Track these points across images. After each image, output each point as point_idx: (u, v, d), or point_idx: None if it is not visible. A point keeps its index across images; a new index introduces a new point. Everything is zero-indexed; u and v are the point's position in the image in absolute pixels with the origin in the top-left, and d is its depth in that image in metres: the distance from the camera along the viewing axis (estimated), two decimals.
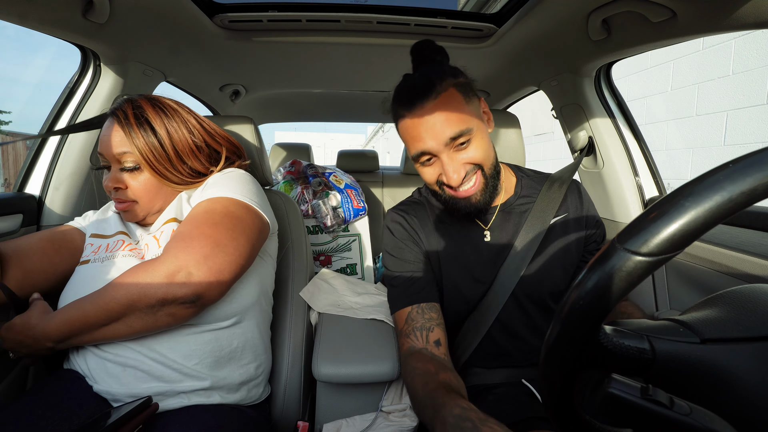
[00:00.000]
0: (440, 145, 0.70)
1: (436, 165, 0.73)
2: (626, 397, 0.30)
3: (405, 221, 0.85)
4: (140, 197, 0.78)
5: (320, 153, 30.59)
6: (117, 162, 0.77)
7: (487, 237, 0.82)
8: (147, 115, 0.77)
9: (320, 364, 0.82)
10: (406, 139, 0.75)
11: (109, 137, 0.76)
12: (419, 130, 0.70)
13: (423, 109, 0.69)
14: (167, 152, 0.78)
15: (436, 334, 0.74)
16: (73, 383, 0.68)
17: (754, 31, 0.72)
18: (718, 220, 0.26)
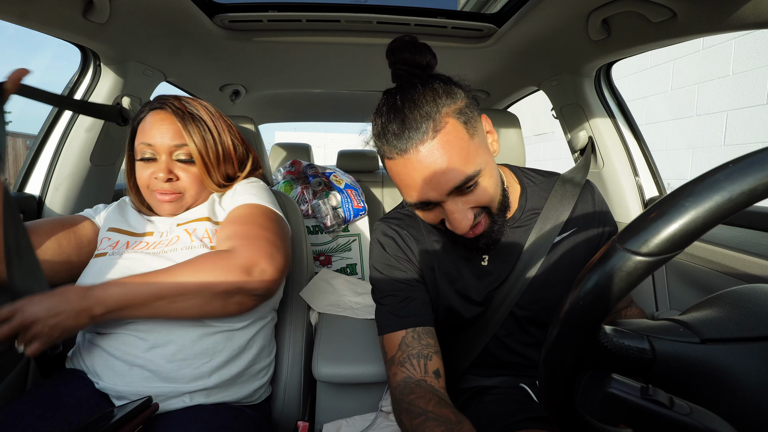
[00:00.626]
0: (442, 195, 0.57)
1: (438, 210, 0.62)
2: (626, 397, 0.30)
3: (398, 236, 0.75)
4: (188, 189, 0.82)
5: (320, 153, 30.52)
6: (169, 153, 0.80)
7: (485, 261, 0.73)
8: (200, 114, 0.82)
9: (320, 364, 0.82)
10: (398, 183, 0.61)
11: (163, 128, 0.79)
12: (414, 178, 0.57)
13: (418, 154, 0.55)
14: (217, 151, 0.83)
15: (435, 364, 0.65)
16: (73, 383, 0.68)
17: (754, 31, 0.72)
18: (719, 220, 0.26)
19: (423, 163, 0.55)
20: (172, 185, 0.81)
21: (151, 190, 0.81)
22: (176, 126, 0.80)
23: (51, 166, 1.00)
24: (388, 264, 0.74)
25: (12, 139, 8.84)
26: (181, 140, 0.80)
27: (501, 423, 0.62)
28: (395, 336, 0.68)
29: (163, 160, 0.79)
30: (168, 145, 0.79)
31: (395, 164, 0.58)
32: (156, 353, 0.69)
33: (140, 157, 0.80)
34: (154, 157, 0.80)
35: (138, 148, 0.80)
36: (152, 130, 0.79)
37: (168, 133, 0.79)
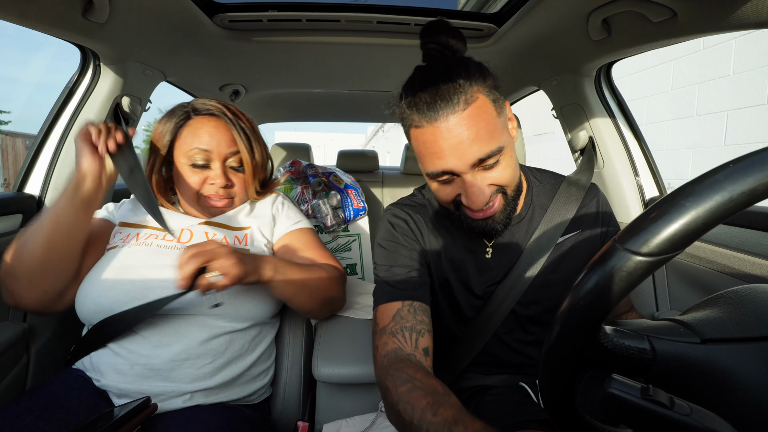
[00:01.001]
0: (466, 167, 0.59)
1: (456, 184, 0.63)
2: (626, 397, 0.30)
3: (410, 218, 0.76)
4: (238, 194, 0.87)
5: (320, 153, 30.59)
6: (223, 160, 0.83)
7: (489, 254, 0.74)
8: (242, 120, 0.85)
9: (320, 365, 0.82)
10: (422, 152, 0.62)
11: (218, 135, 0.81)
12: (441, 146, 0.58)
13: (448, 122, 0.57)
14: (261, 161, 0.88)
15: (426, 341, 0.64)
16: (73, 384, 0.68)
17: (754, 31, 0.72)
18: (719, 220, 0.26)
19: (452, 132, 0.57)
20: (227, 191, 0.84)
21: (203, 195, 0.83)
22: (230, 134, 0.83)
23: (51, 166, 1.00)
24: (395, 241, 0.74)
25: (12, 139, 8.84)
26: (235, 148, 0.83)
27: (500, 423, 0.62)
28: (391, 306, 0.68)
29: (218, 167, 0.82)
30: (224, 152, 0.82)
31: (423, 132, 0.60)
32: (160, 352, 0.69)
33: (192, 162, 0.81)
34: (207, 164, 0.82)
35: (189, 153, 0.81)
36: (206, 135, 0.81)
37: (224, 140, 0.82)
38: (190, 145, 0.80)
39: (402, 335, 0.64)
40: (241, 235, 0.85)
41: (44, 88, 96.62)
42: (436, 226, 0.76)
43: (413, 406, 0.51)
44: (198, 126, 0.81)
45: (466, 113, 0.57)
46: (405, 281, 0.70)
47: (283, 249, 0.91)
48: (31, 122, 11.53)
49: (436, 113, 0.57)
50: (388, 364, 0.60)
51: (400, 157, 2.42)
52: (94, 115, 1.03)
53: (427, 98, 0.58)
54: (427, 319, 0.68)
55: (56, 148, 1.01)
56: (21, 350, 0.88)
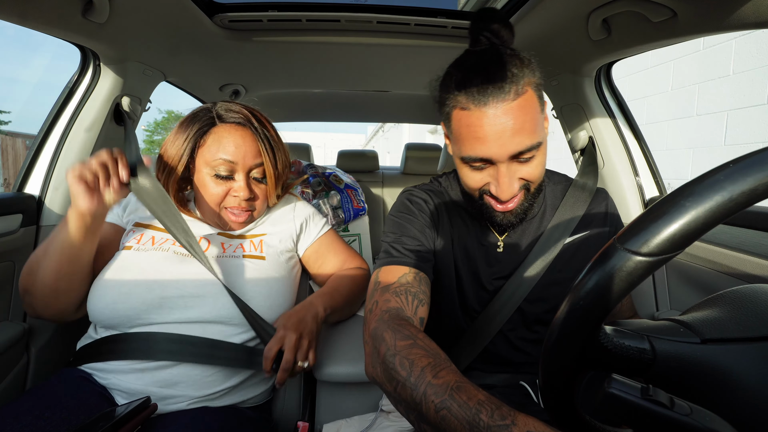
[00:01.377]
0: (504, 156, 0.59)
1: (487, 173, 0.63)
2: (626, 397, 0.30)
3: (429, 200, 0.76)
4: (259, 206, 0.85)
5: (320, 153, 30.56)
6: (247, 171, 0.80)
7: (500, 248, 0.75)
8: (268, 130, 0.83)
9: (321, 364, 0.82)
10: (464, 135, 0.61)
11: (245, 147, 0.79)
12: (486, 132, 0.58)
13: (496, 110, 0.57)
14: (282, 169, 0.86)
15: (424, 312, 0.63)
16: (73, 384, 0.68)
17: (754, 31, 0.72)
18: (719, 220, 0.26)
19: (499, 119, 0.57)
20: (249, 203, 0.82)
21: (224, 207, 0.81)
22: (257, 145, 0.80)
23: (51, 166, 1.00)
24: (409, 214, 0.74)
25: (12, 139, 8.84)
26: (260, 159, 0.81)
27: None
28: (396, 269, 0.66)
29: (242, 179, 0.79)
30: (250, 164, 0.80)
31: (468, 115, 0.59)
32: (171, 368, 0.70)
33: (215, 173, 0.79)
34: (230, 175, 0.79)
35: (213, 162, 0.78)
36: (231, 146, 0.78)
37: (250, 151, 0.79)
38: (215, 155, 0.77)
39: (405, 297, 0.63)
40: (257, 242, 0.86)
41: (44, 88, 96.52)
42: (452, 214, 0.77)
43: (413, 362, 0.48)
44: (223, 135, 0.78)
45: (515, 104, 0.57)
46: (414, 251, 0.69)
47: (314, 256, 0.95)
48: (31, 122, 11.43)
49: (486, 98, 0.57)
50: (388, 319, 0.58)
51: (400, 157, 2.42)
52: (94, 114, 1.03)
53: (478, 81, 0.58)
54: (428, 292, 0.67)
55: (56, 148, 1.01)
56: (21, 350, 0.88)
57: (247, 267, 0.79)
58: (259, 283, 0.78)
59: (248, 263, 0.80)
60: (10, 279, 0.92)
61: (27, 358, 0.89)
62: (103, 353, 0.70)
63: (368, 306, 0.65)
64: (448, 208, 0.77)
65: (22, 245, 0.94)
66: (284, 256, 0.88)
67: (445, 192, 0.80)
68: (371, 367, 0.56)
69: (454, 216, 0.77)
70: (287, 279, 0.86)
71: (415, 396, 0.46)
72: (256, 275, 0.79)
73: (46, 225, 0.99)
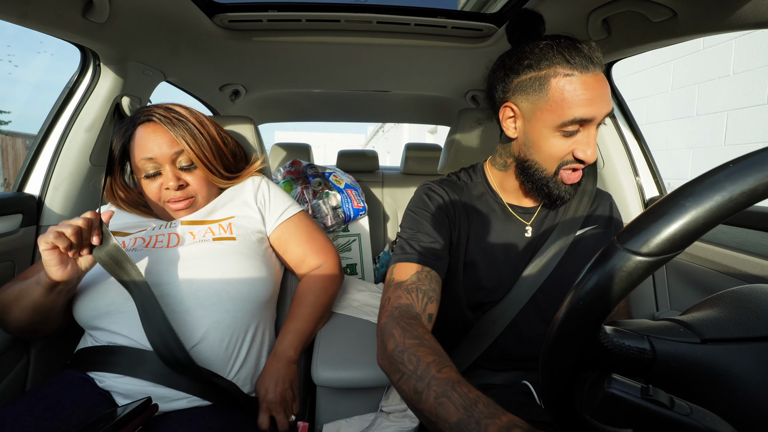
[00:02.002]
0: (599, 117, 0.67)
1: (574, 139, 0.68)
2: (626, 397, 0.30)
3: (446, 195, 0.79)
4: (199, 191, 0.86)
5: (320, 153, 30.55)
6: (171, 162, 0.82)
7: (528, 233, 0.79)
8: (183, 117, 0.84)
9: (319, 369, 0.82)
10: (567, 99, 0.66)
11: (158, 140, 0.81)
12: (592, 93, 0.65)
13: (597, 77, 0.66)
14: (210, 147, 0.86)
15: (433, 309, 0.68)
16: (73, 384, 0.67)
17: (754, 31, 0.72)
18: (719, 220, 0.26)
19: (600, 83, 0.66)
20: (184, 191, 0.83)
21: (164, 201, 0.83)
22: (169, 134, 0.82)
23: (51, 166, 1.00)
24: (426, 210, 0.77)
25: (12, 139, 8.84)
26: (178, 147, 0.82)
27: None
28: (410, 266, 0.71)
29: (168, 170, 0.81)
30: (168, 154, 0.81)
31: (571, 80, 0.66)
32: None
33: (144, 174, 0.81)
34: (158, 171, 0.81)
35: (139, 164, 0.81)
36: (149, 143, 0.81)
37: (165, 142, 0.81)
38: (138, 157, 0.81)
39: (416, 295, 0.68)
40: (225, 225, 0.85)
41: (44, 88, 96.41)
42: (470, 208, 0.80)
43: (419, 359, 0.53)
44: (139, 136, 0.82)
45: (602, 75, 0.67)
46: (428, 249, 0.73)
47: (277, 243, 0.93)
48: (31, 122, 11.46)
49: (589, 64, 0.66)
50: (399, 316, 0.63)
51: (400, 157, 2.42)
52: (94, 114, 1.03)
53: (577, 52, 0.66)
54: (438, 289, 0.71)
55: (56, 148, 1.01)
56: (21, 351, 0.88)
57: (218, 248, 0.79)
58: (230, 260, 0.78)
59: (219, 245, 0.80)
60: (10, 279, 0.92)
61: (27, 358, 0.89)
62: (98, 363, 0.70)
63: (382, 301, 0.70)
64: (467, 202, 0.80)
65: (22, 245, 0.94)
66: (255, 236, 0.88)
67: (465, 186, 0.83)
68: (380, 359, 0.61)
69: (472, 210, 0.80)
70: (262, 257, 0.85)
71: (418, 386, 0.51)
72: (227, 254, 0.79)
73: (46, 225, 0.99)
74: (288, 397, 0.75)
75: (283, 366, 0.78)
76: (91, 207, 1.06)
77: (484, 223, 0.79)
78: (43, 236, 0.62)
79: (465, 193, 0.81)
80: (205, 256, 0.78)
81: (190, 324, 0.72)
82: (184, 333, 0.71)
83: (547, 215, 0.81)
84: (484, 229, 0.78)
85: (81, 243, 0.65)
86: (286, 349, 0.80)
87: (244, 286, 0.78)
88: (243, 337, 0.78)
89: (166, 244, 0.80)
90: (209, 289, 0.74)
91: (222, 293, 0.75)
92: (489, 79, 0.80)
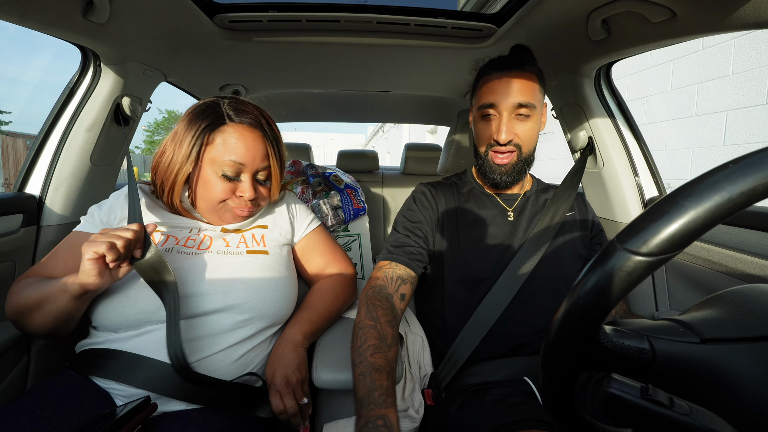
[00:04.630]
0: (502, 104, 0.82)
1: (492, 123, 0.85)
2: (626, 397, 0.30)
3: (430, 194, 0.94)
4: (262, 205, 0.86)
5: (320, 153, 30.57)
6: (254, 173, 0.80)
7: (511, 217, 0.90)
8: (278, 135, 0.83)
9: (320, 371, 0.81)
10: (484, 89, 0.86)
11: (256, 150, 0.78)
12: (500, 87, 0.83)
13: (510, 74, 0.83)
14: (281, 168, 0.86)
15: (405, 289, 0.82)
16: (73, 384, 0.67)
17: (754, 31, 0.72)
18: (718, 220, 0.26)
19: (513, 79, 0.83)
20: (254, 203, 0.82)
21: (230, 207, 0.80)
22: (266, 148, 0.80)
23: (51, 166, 1.00)
24: (410, 209, 0.93)
25: (12, 139, 8.84)
26: (268, 162, 0.81)
27: (499, 422, 0.63)
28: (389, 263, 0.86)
29: (247, 180, 0.78)
30: (258, 167, 0.79)
31: (489, 78, 0.86)
32: None
33: (222, 173, 0.76)
34: (237, 176, 0.78)
35: (222, 163, 0.75)
36: (243, 149, 0.76)
37: (260, 154, 0.79)
38: (224, 156, 0.75)
39: (390, 278, 0.83)
40: (258, 236, 0.86)
41: (45, 88, 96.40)
42: (460, 200, 0.93)
43: (365, 339, 0.70)
44: (234, 135, 0.76)
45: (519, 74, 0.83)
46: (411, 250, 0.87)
47: (301, 252, 0.96)
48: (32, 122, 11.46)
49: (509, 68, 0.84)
50: (371, 294, 0.79)
51: (400, 157, 2.42)
52: (95, 115, 1.03)
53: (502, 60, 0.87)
54: (414, 277, 0.85)
55: (57, 149, 1.01)
56: (21, 350, 0.88)
57: (252, 263, 0.80)
58: (264, 279, 0.79)
59: (252, 259, 0.81)
60: (11, 279, 0.92)
61: (27, 358, 0.89)
62: (96, 367, 0.70)
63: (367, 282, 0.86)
64: (456, 196, 0.94)
65: (22, 245, 0.94)
66: (285, 249, 0.90)
67: (454, 185, 0.97)
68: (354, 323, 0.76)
69: (463, 201, 0.93)
70: (291, 272, 0.88)
71: (355, 360, 0.69)
72: (261, 270, 0.80)
73: (47, 225, 1.00)
74: (295, 380, 0.74)
75: (290, 349, 0.77)
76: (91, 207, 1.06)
77: (472, 210, 0.91)
78: (90, 245, 0.60)
79: (454, 190, 0.96)
80: (240, 270, 0.78)
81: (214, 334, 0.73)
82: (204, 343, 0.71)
83: (527, 202, 0.93)
84: (472, 215, 0.91)
85: (126, 255, 0.65)
86: (295, 334, 0.79)
87: (275, 304, 0.79)
88: (260, 350, 0.79)
89: (197, 246, 0.79)
90: (244, 307, 0.75)
91: (255, 310, 0.76)
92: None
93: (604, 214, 1.28)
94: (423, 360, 0.88)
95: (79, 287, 0.62)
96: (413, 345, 0.89)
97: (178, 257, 0.76)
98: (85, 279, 0.62)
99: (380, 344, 0.69)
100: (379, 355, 0.67)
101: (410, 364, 0.87)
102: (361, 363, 0.66)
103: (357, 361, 0.68)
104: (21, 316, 0.69)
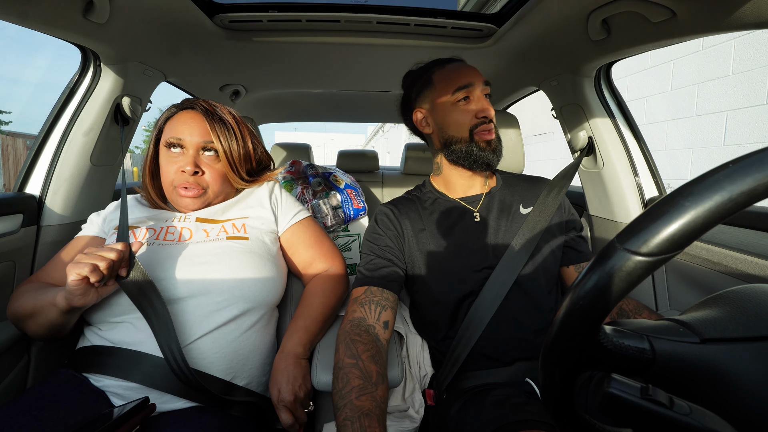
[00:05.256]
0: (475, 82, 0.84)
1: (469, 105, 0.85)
2: (626, 397, 0.30)
3: (392, 213, 0.91)
4: (211, 186, 0.86)
5: (320, 153, 30.59)
6: (197, 150, 0.84)
7: (477, 218, 0.88)
8: (227, 118, 0.87)
9: (319, 373, 0.81)
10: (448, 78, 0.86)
11: (194, 126, 0.84)
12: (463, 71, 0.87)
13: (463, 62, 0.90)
14: (239, 153, 0.88)
15: (387, 316, 0.78)
16: (72, 384, 0.68)
17: (754, 31, 0.72)
18: (718, 220, 0.26)
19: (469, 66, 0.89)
20: (196, 179, 0.84)
21: (174, 187, 0.84)
22: (205, 125, 0.84)
23: (51, 167, 1.00)
24: (375, 233, 0.90)
25: (12, 139, 8.84)
26: (209, 138, 0.84)
27: (500, 423, 0.62)
28: (364, 288, 0.82)
29: (190, 154, 0.83)
30: (197, 141, 0.83)
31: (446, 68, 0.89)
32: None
33: (166, 144, 0.84)
34: (180, 146, 0.84)
35: (167, 142, 0.84)
36: (182, 126, 0.83)
37: (197, 130, 0.83)
38: (168, 135, 0.84)
39: (368, 306, 0.78)
40: (239, 224, 0.87)
41: (45, 88, 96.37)
42: (424, 213, 0.91)
43: (347, 381, 0.64)
44: (176, 119, 0.85)
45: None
46: (381, 271, 0.84)
47: (286, 245, 0.95)
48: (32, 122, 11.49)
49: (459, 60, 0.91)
50: (350, 329, 0.73)
51: (400, 157, 2.42)
52: (95, 115, 1.03)
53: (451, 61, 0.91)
54: (392, 298, 0.81)
55: (57, 149, 1.01)
56: (21, 350, 0.88)
57: (231, 247, 0.81)
58: (244, 259, 0.80)
59: (232, 243, 0.81)
60: (11, 279, 0.92)
61: (27, 358, 0.89)
62: (95, 365, 0.70)
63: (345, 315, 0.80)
64: (419, 210, 0.92)
65: (22, 245, 0.94)
66: (268, 237, 0.90)
67: (417, 199, 0.95)
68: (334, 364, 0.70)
69: (426, 213, 0.91)
70: (274, 258, 0.87)
71: (338, 404, 0.61)
72: (240, 253, 0.80)
73: (47, 225, 1.00)
74: (302, 394, 0.74)
75: (292, 363, 0.77)
76: (92, 207, 1.06)
77: (439, 221, 0.89)
78: (74, 267, 0.62)
79: (417, 204, 0.93)
80: (218, 253, 0.79)
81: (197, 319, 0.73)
82: (189, 327, 0.72)
83: (492, 199, 0.91)
84: (441, 225, 0.88)
85: (111, 275, 0.67)
86: (295, 346, 0.79)
87: (255, 285, 0.79)
88: (248, 337, 0.78)
89: (177, 238, 0.81)
90: (222, 287, 0.75)
91: (234, 291, 0.76)
92: (400, 109, 0.99)
93: (604, 214, 1.28)
94: (423, 360, 0.88)
95: (66, 304, 0.66)
96: (413, 345, 0.89)
97: (159, 249, 0.78)
98: (70, 298, 0.65)
99: (365, 384, 0.62)
100: (365, 398, 0.60)
101: (410, 364, 0.87)
102: (346, 407, 0.60)
103: (340, 405, 0.61)
104: (18, 321, 0.74)
